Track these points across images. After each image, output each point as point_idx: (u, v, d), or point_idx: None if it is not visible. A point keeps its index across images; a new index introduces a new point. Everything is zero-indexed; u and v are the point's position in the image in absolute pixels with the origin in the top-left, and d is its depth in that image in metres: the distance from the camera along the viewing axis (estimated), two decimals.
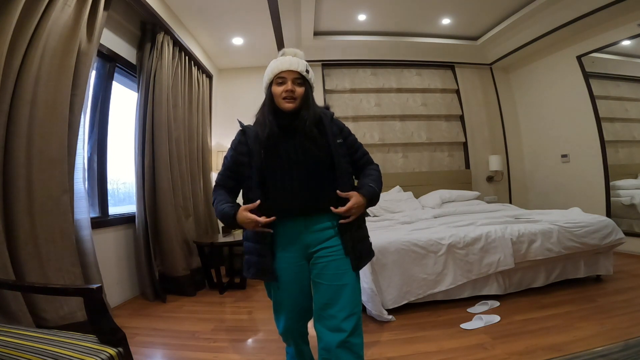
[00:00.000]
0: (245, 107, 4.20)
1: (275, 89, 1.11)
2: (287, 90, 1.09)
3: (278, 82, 1.11)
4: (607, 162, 3.51)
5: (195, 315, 2.28)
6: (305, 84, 1.13)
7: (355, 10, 3.65)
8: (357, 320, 1.06)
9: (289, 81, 1.10)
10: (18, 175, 1.55)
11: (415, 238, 2.18)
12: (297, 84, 1.11)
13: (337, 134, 1.16)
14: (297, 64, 1.11)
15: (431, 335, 1.80)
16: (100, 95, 2.50)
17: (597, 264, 2.43)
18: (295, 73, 1.10)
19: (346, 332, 1.02)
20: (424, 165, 4.47)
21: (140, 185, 2.58)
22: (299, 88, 1.11)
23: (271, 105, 1.13)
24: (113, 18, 2.46)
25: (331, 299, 1.07)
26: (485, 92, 4.71)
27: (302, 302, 1.17)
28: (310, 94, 1.14)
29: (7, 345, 0.92)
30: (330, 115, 1.20)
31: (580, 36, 3.64)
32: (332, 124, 1.18)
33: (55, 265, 1.64)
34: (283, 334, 1.26)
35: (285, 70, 1.10)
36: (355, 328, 1.05)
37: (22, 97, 1.56)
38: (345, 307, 1.05)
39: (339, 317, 1.04)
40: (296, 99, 1.11)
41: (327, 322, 1.06)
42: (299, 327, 1.24)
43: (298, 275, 1.13)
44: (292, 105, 1.10)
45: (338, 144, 1.14)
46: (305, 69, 1.12)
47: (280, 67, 1.11)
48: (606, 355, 1.45)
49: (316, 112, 1.14)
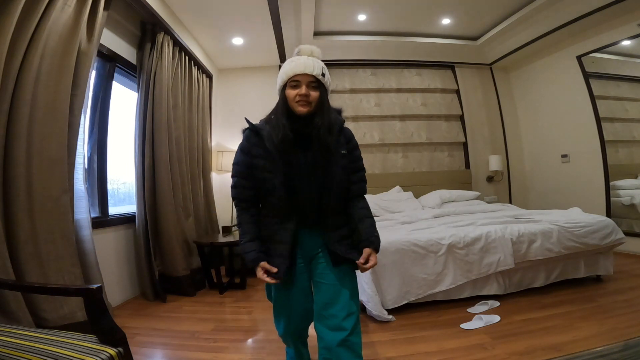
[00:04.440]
0: (245, 107, 4.25)
1: (289, 92, 1.06)
2: (301, 95, 1.04)
3: (292, 85, 1.06)
4: (607, 162, 3.51)
5: (195, 315, 2.28)
6: (320, 87, 1.07)
7: (355, 10, 3.64)
8: (356, 319, 1.07)
9: (304, 85, 1.04)
10: (18, 175, 1.55)
11: (415, 238, 2.18)
12: (312, 87, 1.05)
13: (342, 144, 1.12)
14: (312, 67, 1.04)
15: (431, 335, 1.81)
16: (100, 95, 2.50)
17: (597, 264, 2.43)
18: (310, 77, 1.04)
19: (347, 330, 1.03)
20: (424, 165, 4.47)
21: (140, 185, 2.58)
22: (313, 92, 1.05)
23: (284, 108, 1.08)
24: (113, 18, 2.46)
25: (332, 299, 1.08)
26: (485, 92, 4.71)
27: (303, 303, 1.17)
28: (325, 99, 1.09)
29: (7, 345, 0.92)
30: (340, 123, 1.14)
31: (580, 36, 3.64)
32: (341, 133, 1.14)
33: (55, 265, 1.64)
34: (283, 336, 1.26)
35: (300, 74, 1.04)
36: (355, 327, 1.06)
37: (22, 97, 1.56)
38: (346, 307, 1.06)
39: (340, 316, 1.05)
40: (311, 103, 1.06)
41: (328, 322, 1.06)
42: (300, 330, 1.25)
43: (299, 277, 1.14)
44: (306, 110, 1.06)
45: (341, 154, 1.10)
46: (321, 71, 1.06)
47: (294, 69, 1.05)
48: (606, 355, 1.45)
49: (331, 118, 1.09)
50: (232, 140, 4.19)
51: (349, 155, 1.14)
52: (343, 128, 1.16)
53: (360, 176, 1.17)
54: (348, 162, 1.13)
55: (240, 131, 1.16)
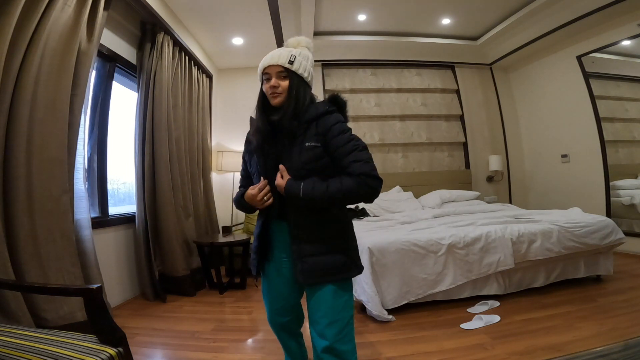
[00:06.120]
0: (245, 107, 4.23)
1: (265, 86, 1.09)
2: (271, 87, 1.05)
3: (266, 79, 1.07)
4: (607, 162, 3.51)
5: (195, 315, 2.28)
6: (291, 75, 1.05)
7: (355, 10, 3.65)
8: (341, 327, 1.01)
9: (273, 76, 1.05)
10: (18, 175, 1.55)
11: (415, 238, 2.18)
12: (281, 77, 1.05)
13: (312, 135, 1.02)
14: (278, 57, 1.04)
15: (431, 335, 1.80)
16: (100, 95, 2.50)
17: (597, 264, 2.43)
18: (277, 67, 1.04)
19: (327, 340, 0.99)
20: (424, 165, 4.47)
21: (140, 185, 2.58)
22: (283, 82, 1.05)
23: (261, 101, 1.12)
24: (113, 18, 2.46)
25: (315, 304, 1.04)
26: (485, 92, 4.71)
27: (286, 297, 1.17)
28: (295, 86, 1.05)
29: (7, 345, 0.92)
30: (319, 112, 1.05)
31: (580, 36, 3.64)
32: (317, 123, 1.04)
33: (55, 265, 1.64)
34: (270, 324, 1.27)
35: (268, 65, 1.06)
36: (342, 335, 1.00)
37: (22, 97, 1.56)
38: (327, 314, 1.01)
39: (322, 323, 1.01)
40: (281, 94, 1.05)
41: (315, 327, 1.04)
42: (283, 322, 1.23)
43: (281, 270, 1.13)
44: (277, 101, 1.06)
45: (306, 147, 1.01)
46: (287, 60, 1.04)
47: (264, 63, 1.07)
48: (606, 355, 1.45)
49: (298, 105, 1.04)
50: (232, 140, 4.19)
51: (332, 142, 1.01)
52: (323, 116, 1.05)
53: (356, 156, 0.98)
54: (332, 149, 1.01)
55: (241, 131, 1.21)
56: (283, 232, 1.10)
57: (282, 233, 1.10)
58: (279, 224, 1.11)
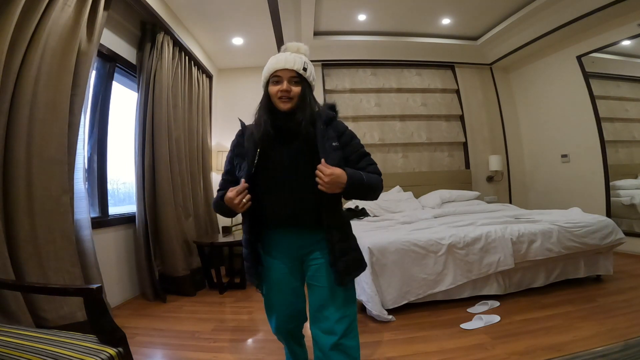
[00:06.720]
0: (245, 107, 4.20)
1: (271, 89, 1.06)
2: (282, 90, 1.03)
3: (274, 81, 1.05)
4: (607, 162, 3.51)
5: (195, 315, 2.28)
6: (302, 82, 1.05)
7: (355, 10, 3.64)
8: (349, 322, 1.04)
9: (285, 80, 1.03)
10: (18, 175, 1.55)
11: (415, 238, 2.18)
12: (293, 83, 1.04)
13: (332, 137, 1.06)
14: (292, 62, 1.03)
15: (431, 335, 1.80)
16: (100, 95, 2.50)
17: (597, 264, 2.43)
18: (291, 72, 1.03)
19: (337, 335, 1.01)
20: (424, 165, 4.47)
21: (140, 185, 2.58)
22: (295, 87, 1.04)
23: (267, 104, 1.08)
24: (113, 18, 2.46)
25: (326, 301, 1.05)
26: (485, 92, 4.71)
27: (294, 303, 1.16)
28: (307, 94, 1.07)
29: (7, 345, 0.92)
30: (329, 117, 1.09)
31: (580, 36, 3.64)
32: (330, 127, 1.08)
33: (55, 265, 1.64)
34: (275, 333, 1.26)
35: (281, 69, 1.03)
36: (349, 330, 1.03)
37: (22, 97, 1.56)
38: (339, 309, 1.04)
39: (332, 318, 1.03)
40: (292, 99, 1.04)
41: (322, 324, 1.04)
42: (291, 329, 1.23)
43: (288, 276, 1.13)
44: (288, 106, 1.04)
45: (332, 147, 1.04)
46: (302, 66, 1.04)
47: (275, 65, 1.04)
48: (606, 355, 1.45)
49: (314, 113, 1.06)
50: (232, 140, 4.18)
51: (347, 147, 1.09)
52: (332, 121, 1.10)
53: (369, 160, 1.11)
54: (349, 153, 1.08)
55: None
56: (288, 237, 1.10)
57: (286, 239, 1.10)
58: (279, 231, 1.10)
